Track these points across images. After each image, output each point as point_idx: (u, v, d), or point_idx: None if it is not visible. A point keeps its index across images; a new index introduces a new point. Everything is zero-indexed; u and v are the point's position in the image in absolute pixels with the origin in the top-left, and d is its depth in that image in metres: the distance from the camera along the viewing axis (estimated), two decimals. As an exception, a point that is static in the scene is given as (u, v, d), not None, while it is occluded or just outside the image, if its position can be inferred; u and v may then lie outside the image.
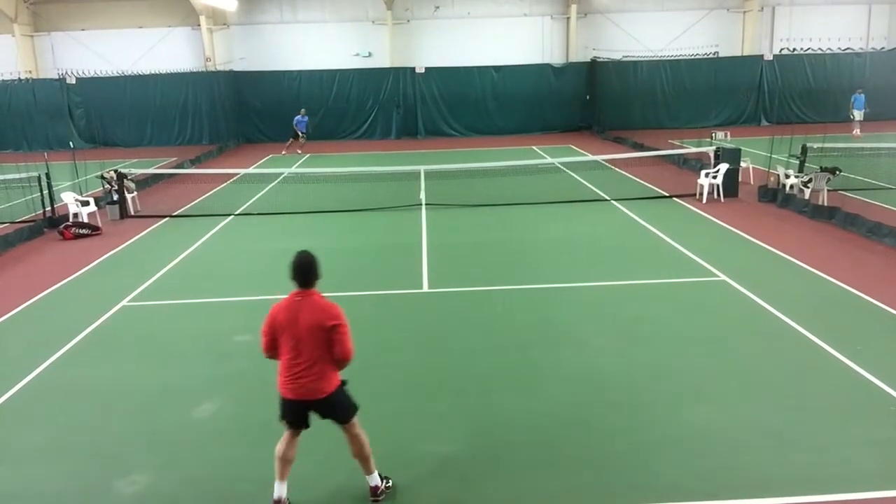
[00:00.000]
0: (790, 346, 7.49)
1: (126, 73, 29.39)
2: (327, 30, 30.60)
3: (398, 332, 8.35)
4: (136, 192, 16.32)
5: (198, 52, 30.18)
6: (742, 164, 16.11)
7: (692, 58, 30.02)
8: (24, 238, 13.49)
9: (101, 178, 15.82)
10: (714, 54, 30.42)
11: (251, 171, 20.70)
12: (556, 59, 30.87)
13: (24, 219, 14.68)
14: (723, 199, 15.10)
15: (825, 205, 13.36)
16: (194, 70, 29.64)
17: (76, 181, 17.09)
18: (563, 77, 30.13)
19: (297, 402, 4.77)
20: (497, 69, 29.96)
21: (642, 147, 22.54)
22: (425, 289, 9.89)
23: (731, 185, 15.35)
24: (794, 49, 30.69)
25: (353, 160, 23.39)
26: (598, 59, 30.00)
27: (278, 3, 30.37)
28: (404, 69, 29.87)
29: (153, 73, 29.20)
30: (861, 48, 30.81)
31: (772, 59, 30.08)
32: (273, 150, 26.95)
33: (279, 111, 28.91)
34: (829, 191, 13.99)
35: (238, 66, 30.23)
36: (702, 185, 15.21)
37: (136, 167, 19.78)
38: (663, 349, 7.49)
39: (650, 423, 5.97)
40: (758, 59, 30.08)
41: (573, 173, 19.02)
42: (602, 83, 29.81)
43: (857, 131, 24.82)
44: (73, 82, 28.92)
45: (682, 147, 20.74)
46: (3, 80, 28.73)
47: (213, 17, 30.16)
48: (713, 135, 21.63)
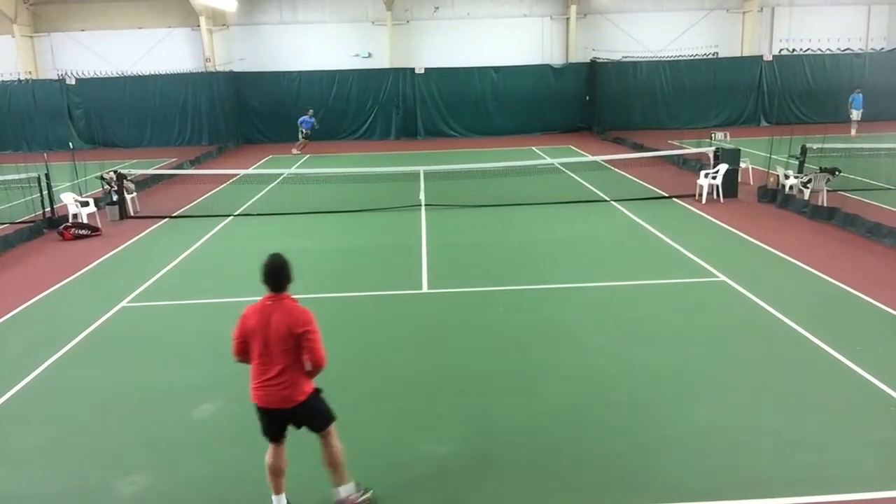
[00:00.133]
0: (790, 347, 7.49)
1: (126, 74, 29.39)
2: (327, 30, 30.60)
3: (398, 333, 8.33)
4: (135, 193, 16.31)
5: (197, 53, 30.18)
6: (741, 165, 16.10)
7: (692, 58, 30.04)
8: (24, 239, 13.49)
9: (101, 178, 15.81)
10: (714, 55, 30.44)
11: (251, 171, 20.70)
12: (556, 59, 30.87)
13: (24, 219, 14.67)
14: (722, 200, 15.10)
15: (825, 205, 13.36)
16: (194, 71, 29.64)
17: (76, 182, 17.07)
18: (563, 78, 30.12)
19: (269, 412, 4.65)
20: (497, 70, 29.96)
21: (642, 147, 22.53)
22: (425, 289, 9.89)
23: (730, 185, 15.35)
24: (794, 49, 30.71)
25: (353, 161, 23.39)
26: (598, 60, 30.00)
27: (278, 3, 30.37)
28: (404, 70, 29.86)
29: (153, 73, 29.20)
30: (860, 49, 30.82)
31: (771, 59, 30.08)
32: (273, 150, 26.97)
33: (279, 112, 28.95)
34: (828, 191, 13.99)
35: (238, 67, 30.23)
36: (701, 186, 15.22)
37: (135, 168, 19.81)
38: (663, 349, 7.49)
39: (650, 423, 5.97)
40: (757, 59, 30.08)
41: (573, 174, 19.03)
42: (602, 84, 29.80)
43: (854, 131, 24.83)
44: (73, 83, 28.92)
45: (681, 147, 20.71)
46: (2, 81, 28.74)
47: (212, 18, 30.15)
48: (713, 135, 21.61)
